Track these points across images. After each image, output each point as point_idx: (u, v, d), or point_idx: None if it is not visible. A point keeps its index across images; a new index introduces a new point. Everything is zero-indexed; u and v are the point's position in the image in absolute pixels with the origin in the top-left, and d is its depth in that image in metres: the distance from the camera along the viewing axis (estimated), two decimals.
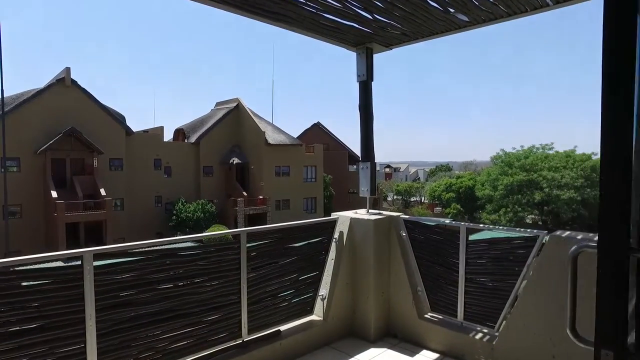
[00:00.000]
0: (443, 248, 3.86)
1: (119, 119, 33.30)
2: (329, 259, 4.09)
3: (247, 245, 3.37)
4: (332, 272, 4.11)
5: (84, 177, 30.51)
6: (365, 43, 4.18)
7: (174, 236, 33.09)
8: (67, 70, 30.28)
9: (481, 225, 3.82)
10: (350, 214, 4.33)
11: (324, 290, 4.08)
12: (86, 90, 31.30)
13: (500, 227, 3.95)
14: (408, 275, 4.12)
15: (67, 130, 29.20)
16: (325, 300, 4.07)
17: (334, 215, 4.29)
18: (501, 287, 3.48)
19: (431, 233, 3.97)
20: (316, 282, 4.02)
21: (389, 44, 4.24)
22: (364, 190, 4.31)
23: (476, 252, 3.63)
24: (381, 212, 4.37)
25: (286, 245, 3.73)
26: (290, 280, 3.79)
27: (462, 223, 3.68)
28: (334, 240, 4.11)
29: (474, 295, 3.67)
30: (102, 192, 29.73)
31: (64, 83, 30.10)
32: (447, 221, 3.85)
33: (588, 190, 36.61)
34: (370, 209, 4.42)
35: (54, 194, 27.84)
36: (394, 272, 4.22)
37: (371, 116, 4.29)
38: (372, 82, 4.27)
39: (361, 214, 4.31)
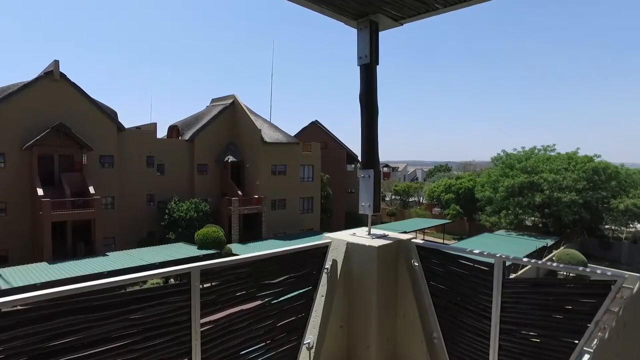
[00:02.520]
0: (469, 286, 2.91)
1: (111, 115, 32.21)
2: (318, 295, 3.13)
3: (202, 286, 2.41)
4: (322, 312, 3.14)
5: (73, 175, 29.36)
6: (369, 15, 3.21)
7: (166, 235, 32.27)
8: (56, 63, 29.09)
9: (524, 259, 2.85)
10: (346, 236, 3.36)
11: (310, 336, 3.12)
12: (76, 85, 30.15)
13: (552, 264, 2.97)
14: (421, 318, 3.16)
15: (55, 126, 28.06)
16: (313, 349, 3.11)
17: (326, 237, 3.33)
18: (554, 346, 2.53)
19: (453, 265, 3.01)
20: (301, 328, 3.06)
21: (399, 17, 3.27)
22: (365, 206, 3.33)
23: (517, 295, 2.68)
24: (386, 233, 3.41)
25: (259, 282, 2.77)
26: (265, 328, 2.83)
27: (498, 255, 2.72)
28: (325, 271, 3.15)
29: (513, 353, 2.72)
30: (91, 189, 28.65)
31: (53, 76, 28.97)
32: (477, 251, 2.88)
33: (590, 192, 35.83)
34: (372, 228, 3.46)
35: (40, 191, 26.74)
36: (402, 313, 3.26)
37: (375, 110, 3.31)
38: (378, 66, 3.31)
39: (361, 236, 3.35)
